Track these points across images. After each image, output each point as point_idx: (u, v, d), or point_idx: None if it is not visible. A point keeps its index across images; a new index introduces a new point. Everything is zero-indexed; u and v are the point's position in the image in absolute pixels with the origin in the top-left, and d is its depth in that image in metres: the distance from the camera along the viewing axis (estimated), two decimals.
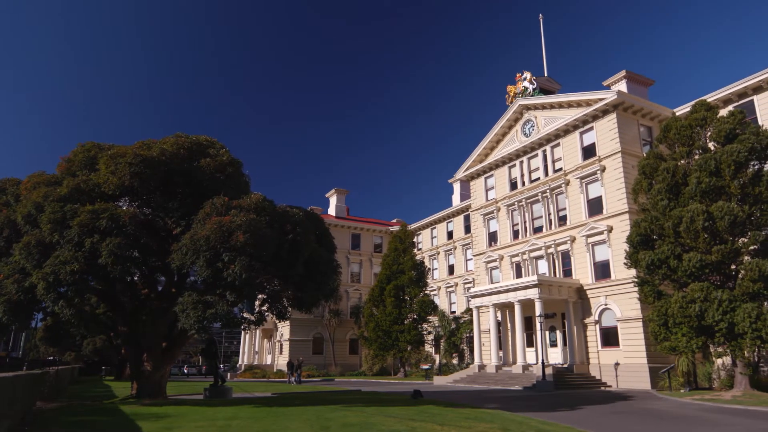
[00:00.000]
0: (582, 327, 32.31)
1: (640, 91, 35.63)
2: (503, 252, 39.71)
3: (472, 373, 35.31)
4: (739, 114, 23.53)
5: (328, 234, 21.61)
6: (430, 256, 55.82)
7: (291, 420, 13.15)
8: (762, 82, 28.39)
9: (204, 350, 25.21)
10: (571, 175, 34.80)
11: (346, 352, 57.13)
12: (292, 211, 19.12)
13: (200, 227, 16.51)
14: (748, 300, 20.61)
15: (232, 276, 15.82)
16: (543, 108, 38.02)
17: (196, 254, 16.06)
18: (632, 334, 29.20)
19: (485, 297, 35.63)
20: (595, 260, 32.51)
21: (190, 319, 16.26)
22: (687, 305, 21.26)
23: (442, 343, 46.76)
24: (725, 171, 22.01)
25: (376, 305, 47.94)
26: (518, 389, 28.65)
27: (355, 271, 59.96)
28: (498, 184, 41.56)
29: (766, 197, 21.47)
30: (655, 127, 33.35)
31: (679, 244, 22.66)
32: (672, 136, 24.99)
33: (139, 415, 14.33)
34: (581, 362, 31.55)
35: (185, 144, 19.36)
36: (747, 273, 20.84)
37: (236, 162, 20.23)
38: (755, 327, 19.69)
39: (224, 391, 22.56)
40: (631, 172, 30.72)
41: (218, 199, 17.59)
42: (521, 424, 12.85)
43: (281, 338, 57.03)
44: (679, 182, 23.50)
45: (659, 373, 27.00)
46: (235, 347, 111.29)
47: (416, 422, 12.60)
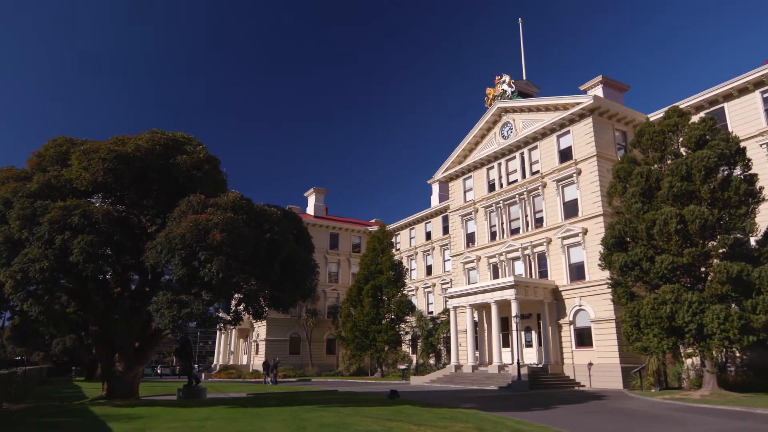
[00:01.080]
0: (557, 327, 32.77)
1: (616, 96, 36.32)
2: (481, 253, 40.03)
3: (448, 373, 35.51)
4: (709, 120, 24.16)
5: (306, 233, 21.48)
6: (408, 256, 55.96)
7: (267, 420, 13.03)
8: (732, 90, 29.20)
9: (178, 350, 24.85)
10: (548, 178, 35.28)
11: (323, 353, 56.90)
12: (270, 210, 18.95)
13: (176, 225, 16.25)
14: (716, 301, 21.17)
15: (208, 275, 15.60)
16: (521, 111, 38.46)
17: (172, 253, 15.80)
18: (605, 335, 29.73)
19: (462, 297, 35.87)
20: (571, 262, 33.02)
21: (164, 319, 15.98)
22: (658, 306, 21.74)
23: (420, 344, 46.92)
24: (696, 176, 22.58)
25: (353, 305, 47.86)
26: (494, 389, 28.92)
27: (333, 270, 59.76)
28: (476, 186, 41.89)
29: (735, 202, 22.10)
30: (630, 132, 34.02)
31: (651, 247, 23.17)
32: (645, 141, 25.55)
33: (110, 416, 14.03)
34: (556, 362, 31.99)
35: (161, 140, 19.04)
36: (716, 275, 21.42)
37: (213, 159, 19.97)
38: (723, 328, 20.23)
39: (198, 391, 22.25)
40: (606, 175, 31.28)
41: (195, 196, 17.34)
42: (496, 423, 12.96)
43: (257, 338, 56.51)
44: (652, 186, 24.02)
45: (631, 373, 27.55)
46: (210, 347, 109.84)
47: (393, 422, 12.61)
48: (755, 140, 27.77)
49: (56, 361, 58.28)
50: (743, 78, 28.58)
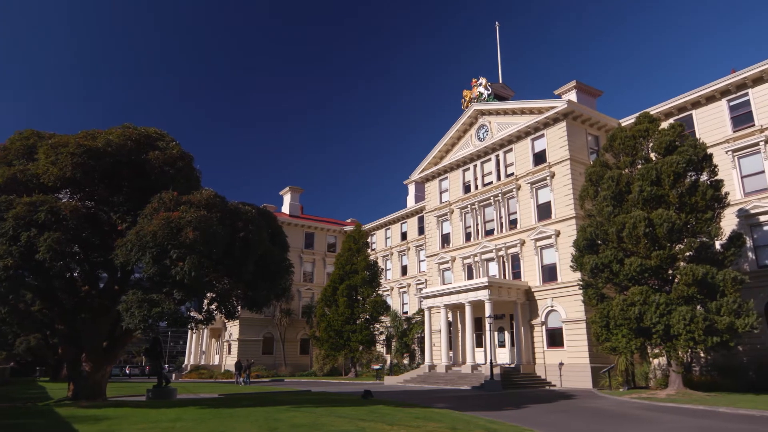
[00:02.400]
0: (529, 328, 33.23)
1: (589, 101, 37.04)
2: (455, 254, 40.33)
3: (422, 373, 35.67)
4: (678, 127, 24.84)
5: (281, 232, 21.29)
6: (383, 256, 56.03)
7: (238, 421, 12.88)
8: (700, 98, 30.06)
9: (148, 350, 24.31)
10: (523, 180, 35.75)
11: (297, 352, 56.55)
12: (244, 209, 18.72)
13: (147, 222, 15.92)
14: (683, 303, 21.77)
15: (180, 274, 15.33)
16: (497, 114, 38.89)
17: (142, 250, 15.47)
18: (576, 335, 30.28)
19: (437, 298, 36.08)
20: (543, 263, 33.52)
21: (134, 318, 15.65)
22: (627, 308, 22.25)
23: (394, 343, 47.02)
24: (665, 181, 23.19)
25: (328, 305, 47.69)
26: (467, 389, 29.16)
27: (307, 270, 59.43)
28: (452, 187, 42.19)
29: (702, 206, 22.76)
30: (602, 137, 34.72)
31: (621, 249, 23.69)
32: (617, 145, 26.11)
33: (76, 417, 13.67)
34: (528, 362, 32.43)
35: (133, 135, 18.63)
36: (682, 278, 22.02)
37: (187, 156, 19.63)
38: (689, 329, 20.82)
39: (168, 392, 21.85)
40: (578, 178, 31.86)
41: (167, 193, 17.02)
42: (469, 423, 13.07)
43: (230, 338, 55.82)
44: (623, 190, 24.56)
45: (600, 373, 28.12)
46: (181, 347, 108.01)
47: (366, 422, 12.60)
48: (721, 147, 28.64)
49: (20, 361, 56.56)
50: (711, 86, 29.45)
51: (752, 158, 27.83)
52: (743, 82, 28.33)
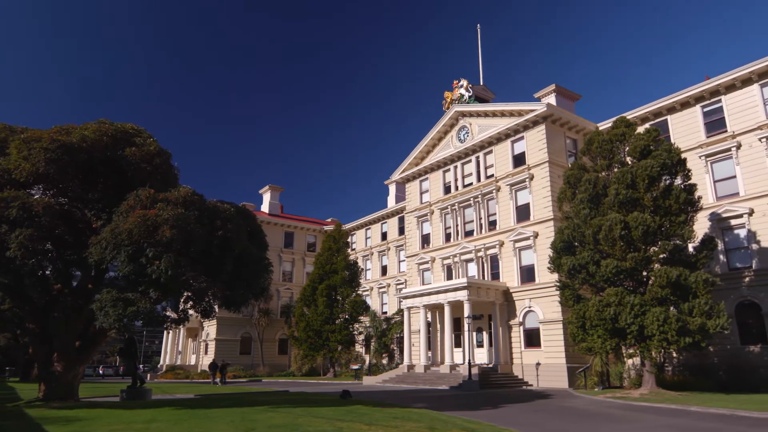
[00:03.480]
0: (507, 328, 33.54)
1: (568, 104, 37.56)
2: (435, 254, 40.50)
3: (401, 373, 35.73)
4: (654, 132, 25.34)
5: (260, 231, 21.10)
6: (363, 256, 55.97)
7: (215, 422, 12.72)
8: (675, 104, 30.72)
9: (122, 350, 23.86)
10: (502, 182, 36.07)
11: (275, 352, 56.16)
12: (223, 207, 18.51)
13: (122, 220, 15.63)
14: (656, 304, 22.21)
15: (156, 272, 15.09)
16: (478, 116, 39.17)
17: (117, 249, 15.19)
18: (553, 336, 30.66)
19: (416, 298, 36.18)
20: (522, 264, 33.87)
21: (109, 318, 15.36)
22: (603, 308, 22.61)
23: (373, 344, 46.99)
24: (640, 184, 23.64)
25: (307, 305, 47.46)
26: (445, 389, 29.29)
27: (287, 269, 59.07)
28: (432, 188, 42.36)
29: (675, 210, 23.27)
30: (580, 140, 35.23)
31: (598, 251, 24.08)
32: (594, 149, 26.53)
33: (47, 418, 13.36)
34: (505, 362, 32.74)
35: (109, 131, 18.27)
36: (656, 279, 22.47)
37: (165, 153, 19.33)
38: (662, 330, 21.26)
39: (143, 392, 21.51)
40: (557, 181, 32.28)
41: (144, 191, 16.74)
42: (447, 422, 13.13)
43: (207, 338, 55.16)
44: (599, 193, 24.96)
45: (576, 373, 28.52)
46: (156, 346, 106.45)
47: (344, 422, 12.57)
48: (695, 152, 29.31)
49: None
50: (685, 92, 30.12)
51: (724, 163, 28.55)
52: (717, 88, 29.05)
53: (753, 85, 27.85)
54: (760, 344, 25.43)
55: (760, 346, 25.36)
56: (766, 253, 25.94)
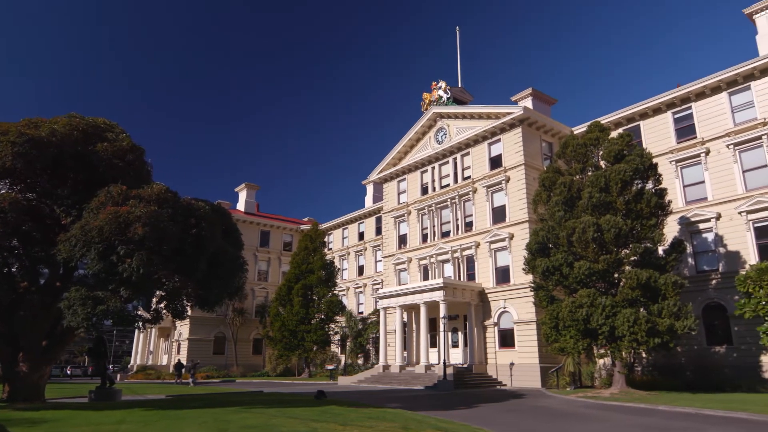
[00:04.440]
0: (482, 329, 33.83)
1: (544, 108, 38.11)
2: (412, 255, 40.62)
3: (376, 373, 35.73)
4: (626, 137, 25.88)
5: (235, 229, 20.85)
6: (340, 256, 55.82)
7: (186, 423, 12.51)
8: (647, 109, 31.43)
9: (91, 349, 23.29)
10: (479, 184, 36.38)
11: (250, 353, 55.58)
12: (197, 204, 18.22)
13: (93, 217, 15.26)
14: (627, 306, 22.69)
15: (127, 271, 14.76)
16: (455, 117, 39.43)
17: (87, 246, 14.82)
18: (527, 336, 31.04)
19: (393, 298, 36.23)
20: (497, 265, 34.21)
21: (77, 316, 14.97)
22: (576, 309, 23.00)
23: (349, 344, 46.89)
24: (613, 188, 24.11)
25: (283, 304, 47.08)
26: (420, 389, 29.40)
27: (262, 269, 58.52)
28: (410, 188, 42.48)
29: (646, 213, 23.80)
30: (556, 143, 35.76)
31: (571, 253, 24.47)
32: (569, 152, 26.96)
33: (11, 420, 12.94)
34: (480, 362, 33.02)
35: (80, 125, 17.83)
36: (627, 281, 22.96)
37: (137, 149, 18.95)
38: (632, 330, 21.72)
39: (112, 393, 21.03)
40: (532, 183, 32.70)
41: (115, 187, 16.37)
42: (421, 422, 13.17)
43: (180, 337, 54.27)
44: (574, 196, 25.38)
45: (549, 373, 28.93)
46: (127, 346, 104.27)
47: (318, 423, 12.49)
48: (666, 157, 30.03)
49: None
50: (657, 99, 30.85)
51: (694, 169, 29.32)
52: (687, 96, 29.82)
53: (722, 93, 28.67)
54: (725, 345, 26.19)
55: (725, 347, 26.12)
56: (732, 256, 26.74)
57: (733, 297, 25.50)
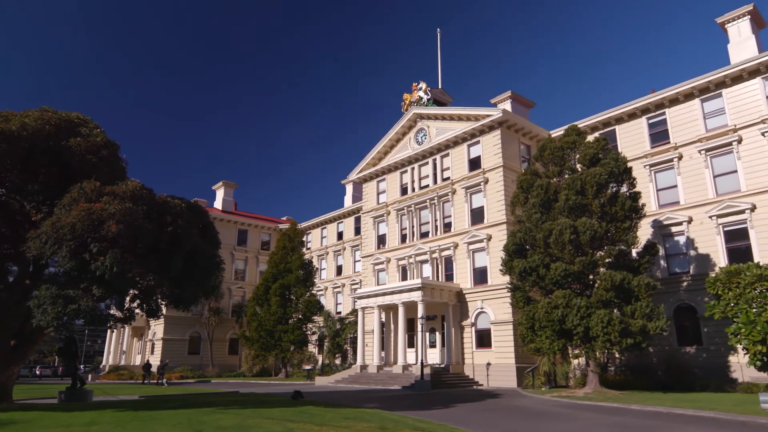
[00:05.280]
0: (459, 329, 34.04)
1: (523, 111, 38.56)
2: (391, 255, 40.66)
3: (354, 374, 35.66)
4: (602, 141, 26.33)
5: (212, 228, 20.55)
6: (319, 255, 55.58)
7: (160, 424, 12.30)
8: (623, 114, 32.04)
9: (61, 349, 22.73)
10: (458, 185, 36.61)
11: (226, 353, 54.95)
12: (173, 202, 17.92)
13: (65, 213, 14.89)
14: (601, 307, 23.08)
15: (100, 269, 14.44)
16: (436, 118, 39.61)
17: (58, 243, 14.45)
18: (503, 336, 31.34)
19: (371, 298, 36.21)
20: (475, 266, 34.47)
21: (47, 315, 14.58)
22: (551, 310, 23.30)
23: (326, 344, 46.72)
24: (589, 191, 24.51)
25: (260, 304, 46.66)
26: (398, 389, 29.44)
27: (239, 268, 57.92)
28: (389, 189, 42.53)
29: (621, 216, 24.25)
30: (534, 146, 36.20)
31: (548, 255, 24.79)
32: (547, 155, 27.31)
33: None
34: (457, 362, 33.21)
35: (52, 120, 17.37)
36: (602, 283, 23.36)
37: (112, 144, 18.55)
38: (606, 331, 22.10)
39: (83, 394, 20.59)
40: (510, 185, 33.03)
41: (88, 183, 16.00)
42: (398, 422, 13.18)
43: (154, 337, 53.38)
44: (551, 198, 25.71)
45: (525, 373, 29.26)
46: (99, 346, 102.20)
47: (295, 423, 12.41)
48: (640, 161, 30.65)
49: None
50: (632, 104, 31.47)
51: (667, 173, 29.99)
52: (661, 101, 30.48)
53: (694, 100, 29.39)
54: (695, 345, 26.84)
55: (695, 347, 26.77)
56: (702, 259, 27.42)
57: (703, 299, 26.15)
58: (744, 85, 27.63)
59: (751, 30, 29.36)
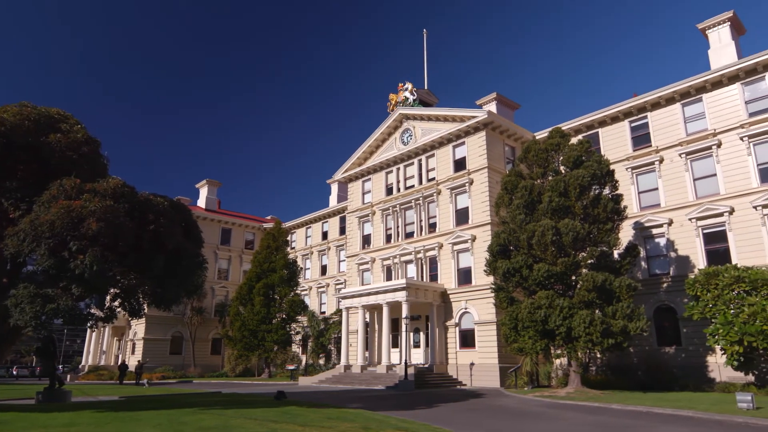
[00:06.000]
0: (443, 329, 34.16)
1: (508, 113, 38.83)
2: (376, 255, 40.65)
3: (337, 374, 35.58)
4: (586, 143, 26.64)
5: (195, 226, 20.32)
6: (303, 255, 55.36)
7: (140, 425, 12.13)
8: (606, 117, 32.43)
9: (39, 349, 22.28)
10: (443, 186, 36.73)
11: (208, 353, 54.45)
12: (156, 200, 17.68)
13: (44, 211, 14.62)
14: (583, 307, 23.34)
15: (80, 268, 14.19)
16: (421, 119, 39.70)
17: (37, 241, 14.18)
18: (487, 337, 31.52)
19: (355, 298, 36.16)
20: (459, 266, 34.61)
21: (25, 315, 14.29)
22: (534, 311, 23.50)
23: (310, 344, 46.55)
24: (572, 193, 24.77)
25: (243, 304, 46.33)
26: (381, 389, 29.44)
27: (223, 267, 57.44)
28: (375, 189, 42.52)
29: (603, 218, 24.55)
30: (518, 148, 36.48)
31: (531, 256, 24.99)
32: (531, 157, 27.54)
33: None
34: (441, 362, 33.32)
35: (31, 115, 17.02)
36: (584, 284, 23.61)
37: (93, 141, 18.24)
38: (588, 331, 22.36)
39: (62, 394, 20.22)
40: (495, 186, 33.24)
41: (68, 180, 15.71)
42: (381, 422, 13.18)
43: (135, 337, 52.70)
44: (534, 199, 25.93)
45: (508, 373, 29.46)
46: (78, 346, 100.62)
47: (278, 424, 12.33)
48: (622, 164, 31.05)
49: None
50: (615, 107, 31.87)
51: (648, 176, 30.43)
52: (643, 105, 30.92)
53: (675, 104, 29.87)
54: (674, 346, 27.27)
55: (675, 348, 27.20)
56: (682, 260, 27.87)
57: (682, 300, 26.58)
58: (724, 90, 28.16)
59: (731, 36, 29.94)
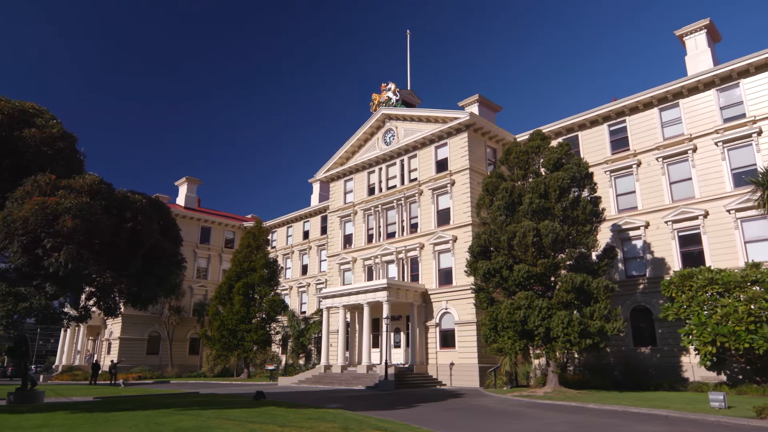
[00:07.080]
0: (424, 329, 34.25)
1: (490, 115, 39.11)
2: (357, 255, 40.59)
3: (317, 374, 35.43)
4: (566, 146, 26.95)
5: (174, 225, 20.05)
6: (284, 254, 55.01)
7: (115, 426, 11.91)
8: (585, 121, 32.88)
9: (11, 348, 21.76)
10: (425, 186, 36.84)
11: (186, 353, 53.74)
12: (133, 197, 17.40)
13: (17, 207, 14.28)
14: (562, 308, 23.62)
15: (54, 265, 13.90)
16: (404, 119, 39.77)
17: (9, 238, 13.85)
18: (467, 337, 31.70)
19: (336, 298, 36.05)
20: (440, 267, 34.75)
21: None
22: (514, 311, 23.72)
23: (290, 344, 46.25)
24: (552, 194, 25.06)
25: (222, 303, 45.82)
26: (361, 389, 29.39)
27: (202, 266, 56.76)
28: (357, 188, 42.45)
29: (582, 220, 24.89)
30: (500, 150, 36.77)
31: (511, 257, 25.21)
32: (512, 159, 27.78)
33: None
34: (421, 362, 33.41)
35: (5, 109, 16.61)
36: (562, 285, 23.90)
37: (69, 136, 17.87)
38: (566, 332, 22.64)
39: (34, 395, 19.76)
40: (476, 188, 33.46)
41: (43, 176, 15.38)
42: (361, 422, 13.15)
43: (110, 336, 51.75)
44: (515, 201, 26.16)
45: (487, 373, 29.67)
46: (52, 345, 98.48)
47: (257, 424, 12.22)
48: (601, 167, 31.52)
49: None
50: (594, 111, 32.33)
51: (626, 179, 30.93)
52: (622, 109, 31.43)
53: (653, 109, 30.42)
54: (650, 346, 27.77)
55: (650, 348, 27.69)
56: (658, 262, 28.39)
57: (658, 301, 27.08)
58: (699, 96, 28.77)
59: (708, 43, 30.59)
